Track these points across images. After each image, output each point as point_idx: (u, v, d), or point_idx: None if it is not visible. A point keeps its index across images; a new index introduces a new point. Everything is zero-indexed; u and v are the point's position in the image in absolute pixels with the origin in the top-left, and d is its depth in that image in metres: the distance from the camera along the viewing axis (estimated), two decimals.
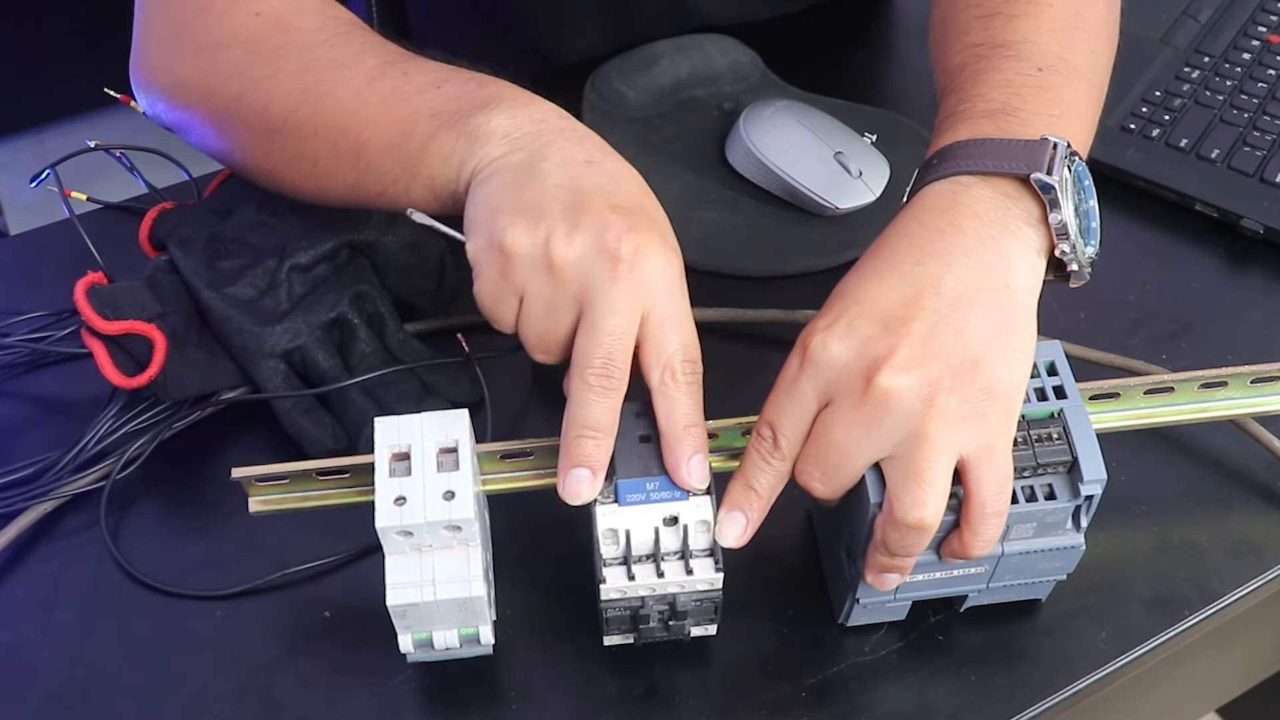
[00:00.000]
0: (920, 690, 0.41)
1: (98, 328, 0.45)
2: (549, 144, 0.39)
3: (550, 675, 0.42)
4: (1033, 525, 0.38)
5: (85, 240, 0.48)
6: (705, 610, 0.40)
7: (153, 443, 0.47)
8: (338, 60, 0.43)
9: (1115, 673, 0.42)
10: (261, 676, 0.42)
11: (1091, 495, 0.38)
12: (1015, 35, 0.43)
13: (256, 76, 0.43)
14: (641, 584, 0.37)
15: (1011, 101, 0.40)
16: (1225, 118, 0.60)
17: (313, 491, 0.41)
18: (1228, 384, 0.43)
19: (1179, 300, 0.54)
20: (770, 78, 0.64)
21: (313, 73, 0.42)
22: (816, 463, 0.37)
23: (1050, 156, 0.38)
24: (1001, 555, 0.39)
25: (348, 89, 0.42)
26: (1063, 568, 0.41)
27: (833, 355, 0.36)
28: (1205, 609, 0.43)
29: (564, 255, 0.36)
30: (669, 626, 0.40)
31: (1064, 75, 0.42)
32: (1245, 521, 0.46)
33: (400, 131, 0.40)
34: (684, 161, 0.60)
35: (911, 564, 0.38)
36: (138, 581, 0.44)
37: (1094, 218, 0.40)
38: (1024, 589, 0.42)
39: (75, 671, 0.42)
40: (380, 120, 0.41)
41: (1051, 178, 0.37)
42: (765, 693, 0.41)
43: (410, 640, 0.39)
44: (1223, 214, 0.56)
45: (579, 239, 0.37)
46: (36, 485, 0.46)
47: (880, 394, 0.35)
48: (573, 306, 0.37)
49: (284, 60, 0.43)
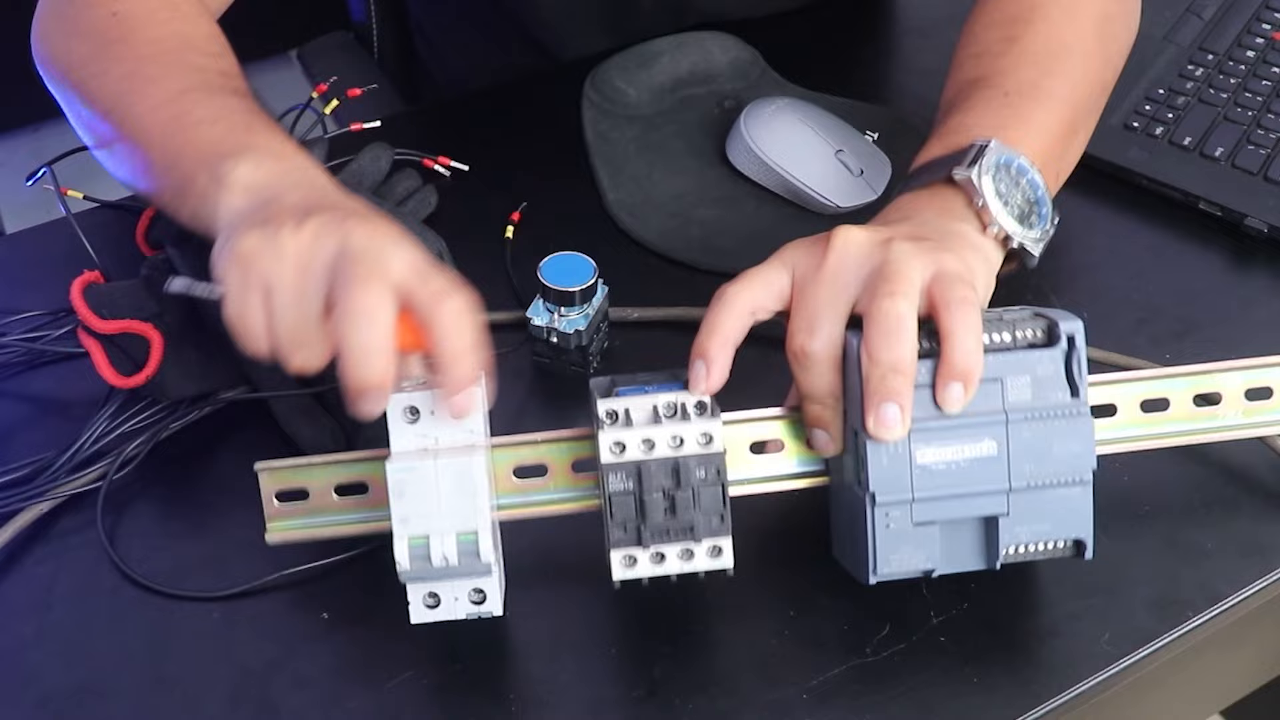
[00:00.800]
0: (922, 692, 0.41)
1: (94, 327, 0.45)
2: (287, 189, 0.41)
3: (551, 677, 0.42)
4: (1026, 378, 0.39)
5: (82, 239, 0.48)
6: (712, 494, 0.39)
7: (150, 443, 0.47)
8: (151, 76, 0.46)
9: (1119, 674, 0.42)
10: (258, 678, 0.42)
11: (1073, 336, 0.39)
12: (994, 69, 0.49)
13: (93, 72, 0.47)
14: (638, 432, 0.39)
15: (966, 121, 0.46)
16: (1229, 115, 0.59)
17: (330, 518, 0.42)
18: (1221, 399, 0.44)
19: (1183, 299, 0.54)
20: (771, 75, 0.64)
21: (130, 82, 0.46)
22: (799, 322, 0.40)
23: (972, 155, 0.43)
24: (1008, 434, 0.38)
25: (146, 105, 0.45)
26: (1081, 459, 0.39)
27: (844, 242, 0.40)
28: (1210, 610, 0.43)
29: (299, 240, 0.37)
30: (677, 531, 0.39)
31: (1032, 98, 0.47)
32: (1251, 522, 0.46)
33: (172, 160, 0.44)
34: (684, 160, 0.60)
35: (906, 392, 0.38)
36: (134, 582, 0.44)
37: (1041, 200, 0.44)
38: (1055, 514, 0.39)
39: (71, 673, 0.42)
40: (161, 144, 0.44)
41: (967, 171, 0.43)
42: (766, 695, 0.41)
43: (406, 549, 0.38)
44: (1226, 213, 0.56)
45: (310, 223, 0.38)
46: (32, 486, 0.46)
47: (839, 241, 0.40)
48: (320, 288, 0.37)
49: (115, 64, 0.47)
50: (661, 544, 0.39)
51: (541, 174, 0.58)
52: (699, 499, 0.39)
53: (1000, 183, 0.43)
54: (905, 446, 0.39)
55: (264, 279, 0.38)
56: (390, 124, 0.58)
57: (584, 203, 0.58)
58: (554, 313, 0.50)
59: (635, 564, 0.39)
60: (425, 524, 0.38)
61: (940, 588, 0.44)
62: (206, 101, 0.45)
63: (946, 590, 0.43)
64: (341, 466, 0.43)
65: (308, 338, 0.38)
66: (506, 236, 0.55)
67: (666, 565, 0.39)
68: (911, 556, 0.40)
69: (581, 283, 0.50)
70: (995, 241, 0.43)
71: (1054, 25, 0.50)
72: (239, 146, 0.42)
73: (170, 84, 0.45)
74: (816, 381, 0.40)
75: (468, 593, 0.40)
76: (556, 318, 0.50)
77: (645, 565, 0.39)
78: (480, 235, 0.56)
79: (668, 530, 0.39)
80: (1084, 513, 0.40)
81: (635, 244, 0.57)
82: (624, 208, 0.58)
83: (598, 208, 0.58)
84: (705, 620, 0.43)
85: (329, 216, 0.38)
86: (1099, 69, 0.51)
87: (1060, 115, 0.48)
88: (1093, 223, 0.58)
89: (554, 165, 0.59)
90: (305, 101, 0.56)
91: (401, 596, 0.43)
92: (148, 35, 0.47)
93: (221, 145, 0.42)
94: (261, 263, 0.38)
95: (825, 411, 0.40)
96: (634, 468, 0.39)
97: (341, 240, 0.37)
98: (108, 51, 0.47)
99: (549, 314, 0.50)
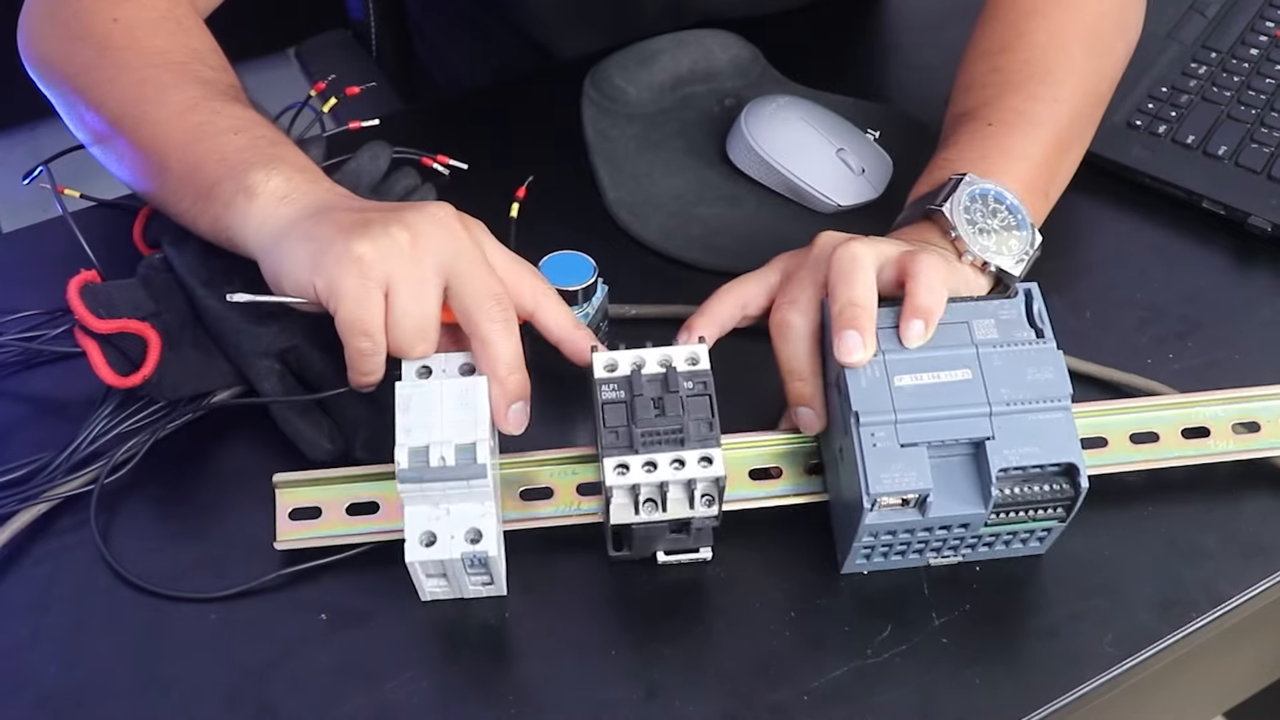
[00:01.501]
0: (924, 694, 0.41)
1: (91, 326, 0.45)
2: (324, 197, 0.43)
3: (550, 678, 0.41)
4: (990, 321, 0.42)
5: (78, 238, 0.48)
6: (700, 402, 0.41)
7: (146, 443, 0.47)
8: (166, 83, 0.46)
9: (1121, 676, 0.42)
10: (256, 680, 0.41)
11: (1029, 290, 0.43)
12: (980, 101, 0.51)
13: (98, 79, 0.47)
14: (629, 355, 0.42)
15: (950, 155, 0.49)
16: (1232, 114, 0.59)
17: (340, 532, 0.44)
18: (1211, 433, 0.46)
19: (1186, 299, 0.53)
20: (772, 73, 0.63)
21: (143, 89, 0.46)
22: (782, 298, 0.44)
23: (948, 189, 0.46)
24: (980, 362, 0.41)
25: (164, 112, 0.46)
26: (1056, 385, 0.41)
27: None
28: (1213, 611, 0.43)
29: (414, 238, 0.41)
30: (668, 438, 0.40)
31: (1015, 125, 0.49)
32: (1254, 523, 0.45)
33: (193, 166, 0.45)
34: (684, 158, 0.59)
35: (866, 323, 0.41)
36: (131, 584, 0.44)
37: (1022, 224, 0.46)
38: (1040, 437, 0.40)
39: (67, 675, 0.42)
40: (181, 150, 0.45)
41: (940, 205, 0.45)
42: (767, 696, 0.41)
43: (406, 454, 0.39)
44: (1230, 212, 0.56)
45: (409, 216, 0.41)
46: (29, 487, 0.45)
47: (822, 237, 0.45)
48: (439, 280, 0.41)
49: (124, 71, 0.47)
50: (653, 451, 0.40)
51: (541, 172, 0.57)
52: (687, 406, 0.41)
53: (975, 213, 0.45)
54: (883, 372, 0.41)
55: (385, 277, 0.40)
56: (389, 122, 0.57)
57: (584, 201, 0.58)
58: None
59: (628, 472, 0.40)
60: (427, 435, 0.40)
61: (942, 589, 0.43)
62: (226, 111, 0.45)
63: (948, 591, 0.43)
64: (356, 484, 0.44)
65: (429, 329, 0.41)
66: (511, 215, 0.55)
67: (658, 474, 0.40)
68: (903, 475, 0.40)
69: (581, 282, 0.49)
70: (974, 268, 0.45)
71: (1037, 50, 0.51)
72: (266, 158, 0.43)
73: (187, 91, 0.46)
74: (796, 351, 0.43)
75: (465, 531, 0.40)
76: None
77: (637, 473, 0.40)
78: None
79: (658, 436, 0.40)
80: (1069, 436, 0.41)
81: (635, 242, 0.56)
82: (624, 206, 0.58)
83: (598, 206, 0.58)
84: (705, 621, 0.43)
85: (416, 210, 0.41)
86: (1090, 85, 0.52)
87: (1044, 139, 0.49)
88: (1095, 222, 0.57)
89: (553, 164, 0.58)
90: (304, 100, 0.56)
91: (400, 597, 0.43)
92: (154, 45, 0.48)
93: (247, 155, 0.43)
94: (383, 263, 0.40)
95: (805, 387, 0.43)
96: (625, 380, 0.42)
97: (448, 235, 0.41)
98: (114, 58, 0.47)
99: None
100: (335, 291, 0.40)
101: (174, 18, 0.49)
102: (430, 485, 0.40)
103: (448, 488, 0.40)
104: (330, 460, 0.46)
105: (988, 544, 0.43)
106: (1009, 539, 0.43)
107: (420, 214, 0.41)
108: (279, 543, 0.44)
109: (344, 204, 0.43)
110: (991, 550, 0.43)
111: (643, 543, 0.43)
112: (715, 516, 0.42)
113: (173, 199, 0.46)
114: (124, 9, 0.48)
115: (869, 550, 0.42)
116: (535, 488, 0.44)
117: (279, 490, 0.44)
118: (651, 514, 0.41)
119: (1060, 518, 0.41)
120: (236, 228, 0.43)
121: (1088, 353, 0.50)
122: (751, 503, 0.45)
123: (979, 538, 0.42)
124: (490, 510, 0.40)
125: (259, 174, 0.43)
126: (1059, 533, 0.43)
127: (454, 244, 0.41)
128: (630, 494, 0.41)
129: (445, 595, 0.43)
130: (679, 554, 0.44)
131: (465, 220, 0.43)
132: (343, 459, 0.46)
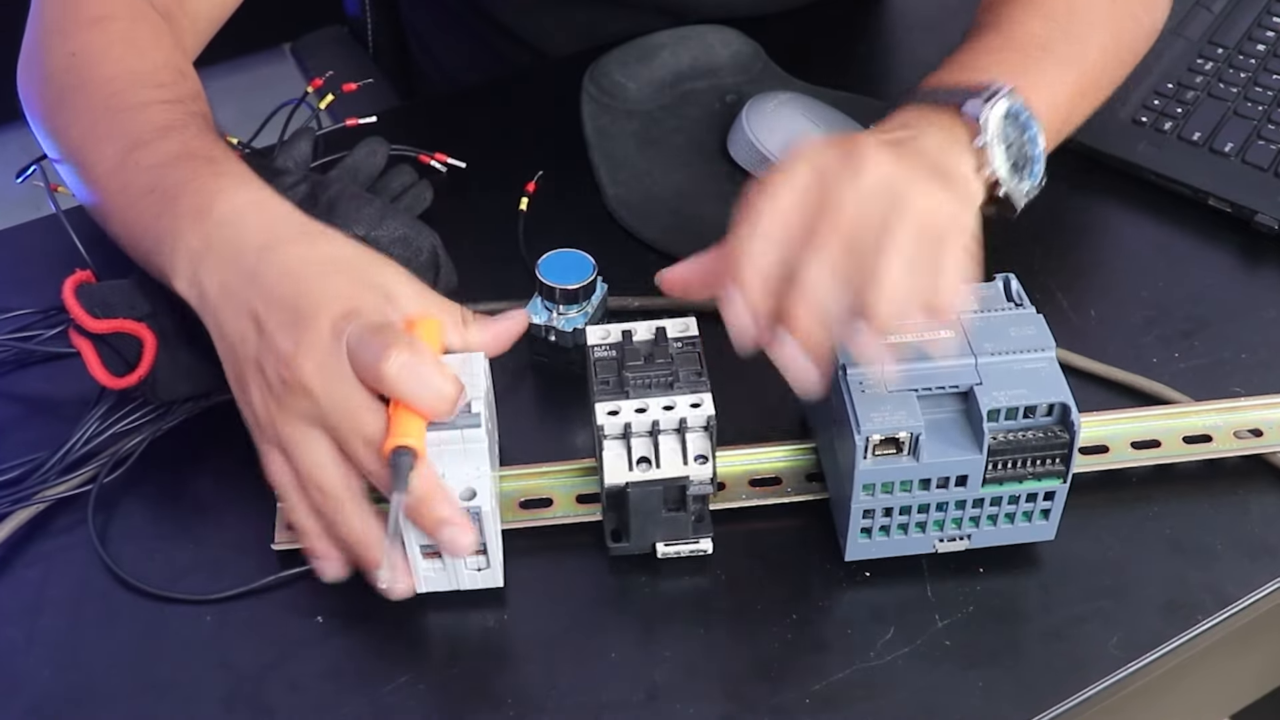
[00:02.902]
0: (927, 696, 0.40)
1: (86, 326, 0.44)
2: (216, 282, 0.41)
3: (549, 681, 0.41)
4: (971, 298, 0.42)
5: (73, 237, 0.48)
6: (689, 355, 0.41)
7: (142, 444, 0.46)
8: (102, 131, 0.46)
9: (1127, 679, 0.41)
10: (252, 683, 0.41)
11: (1008, 278, 0.43)
12: (1005, 17, 0.49)
13: (61, 122, 0.48)
14: (620, 325, 0.42)
15: (981, 61, 0.48)
16: (1239, 110, 0.59)
17: None
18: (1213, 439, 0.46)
19: (1192, 297, 0.53)
20: (773, 69, 0.63)
21: (88, 139, 0.46)
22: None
23: (987, 94, 0.44)
24: (962, 325, 0.41)
25: (101, 169, 0.45)
26: (1039, 339, 0.41)
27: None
28: (1219, 613, 0.42)
29: (281, 382, 0.39)
30: (658, 384, 0.40)
31: (1048, 56, 0.48)
32: (1261, 524, 0.45)
33: (128, 232, 0.44)
34: (685, 155, 0.59)
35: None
36: (126, 585, 0.44)
37: (1036, 158, 0.45)
38: (1028, 380, 0.40)
39: (62, 678, 0.42)
40: (118, 214, 0.45)
41: (981, 108, 0.43)
42: (769, 699, 0.40)
43: None
44: (1236, 209, 0.55)
45: (283, 353, 0.39)
46: (22, 488, 0.45)
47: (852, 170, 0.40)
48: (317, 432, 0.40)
49: (75, 116, 0.47)
50: (643, 396, 0.41)
51: (540, 170, 0.57)
52: (676, 359, 0.42)
53: (1007, 128, 0.43)
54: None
55: (276, 441, 0.40)
56: (386, 119, 0.57)
57: (583, 199, 0.58)
58: (552, 311, 0.50)
59: (618, 414, 0.41)
60: None
61: (945, 590, 0.43)
62: (145, 161, 0.44)
63: (951, 593, 0.43)
64: None
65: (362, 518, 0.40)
66: (521, 209, 0.55)
67: (649, 415, 0.40)
68: (893, 415, 0.40)
69: (581, 280, 0.49)
70: (984, 182, 0.43)
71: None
72: (170, 231, 0.42)
73: (116, 142, 0.45)
74: None
75: (460, 490, 0.40)
76: (555, 316, 0.50)
77: (628, 415, 0.40)
78: (476, 232, 0.56)
79: (648, 379, 0.41)
80: (1057, 378, 0.41)
81: (635, 241, 0.56)
82: (624, 204, 0.57)
83: (597, 204, 0.57)
84: (706, 623, 0.43)
85: (293, 352, 0.39)
86: (1113, 42, 0.51)
87: (1071, 79, 0.48)
88: (1100, 220, 0.57)
89: (552, 161, 0.58)
90: (300, 96, 0.56)
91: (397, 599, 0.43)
92: (102, 74, 0.47)
93: (162, 224, 0.42)
94: (270, 426, 0.40)
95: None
96: (618, 344, 0.43)
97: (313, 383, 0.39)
98: (66, 102, 0.47)
99: (547, 312, 0.50)
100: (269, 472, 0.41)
101: (128, 39, 0.49)
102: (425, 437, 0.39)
103: (442, 444, 0.39)
104: None
105: (991, 517, 0.42)
106: (1012, 510, 0.42)
107: (293, 350, 0.39)
108: (277, 544, 0.43)
109: (230, 310, 0.40)
110: (997, 529, 0.43)
111: (640, 527, 0.42)
112: (710, 480, 0.41)
113: (136, 261, 0.45)
114: (79, 39, 0.48)
115: (869, 522, 0.42)
116: (535, 498, 0.44)
117: (282, 508, 0.44)
118: (646, 473, 0.41)
119: (1059, 473, 0.41)
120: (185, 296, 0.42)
121: (1092, 352, 0.50)
122: (752, 501, 0.44)
123: (980, 507, 0.42)
124: (485, 471, 0.40)
125: (167, 257, 0.42)
126: (1063, 502, 0.42)
127: (319, 395, 0.38)
128: (623, 445, 0.41)
129: (440, 586, 0.42)
130: (678, 544, 0.43)
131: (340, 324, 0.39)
132: None
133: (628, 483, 0.41)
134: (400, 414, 0.38)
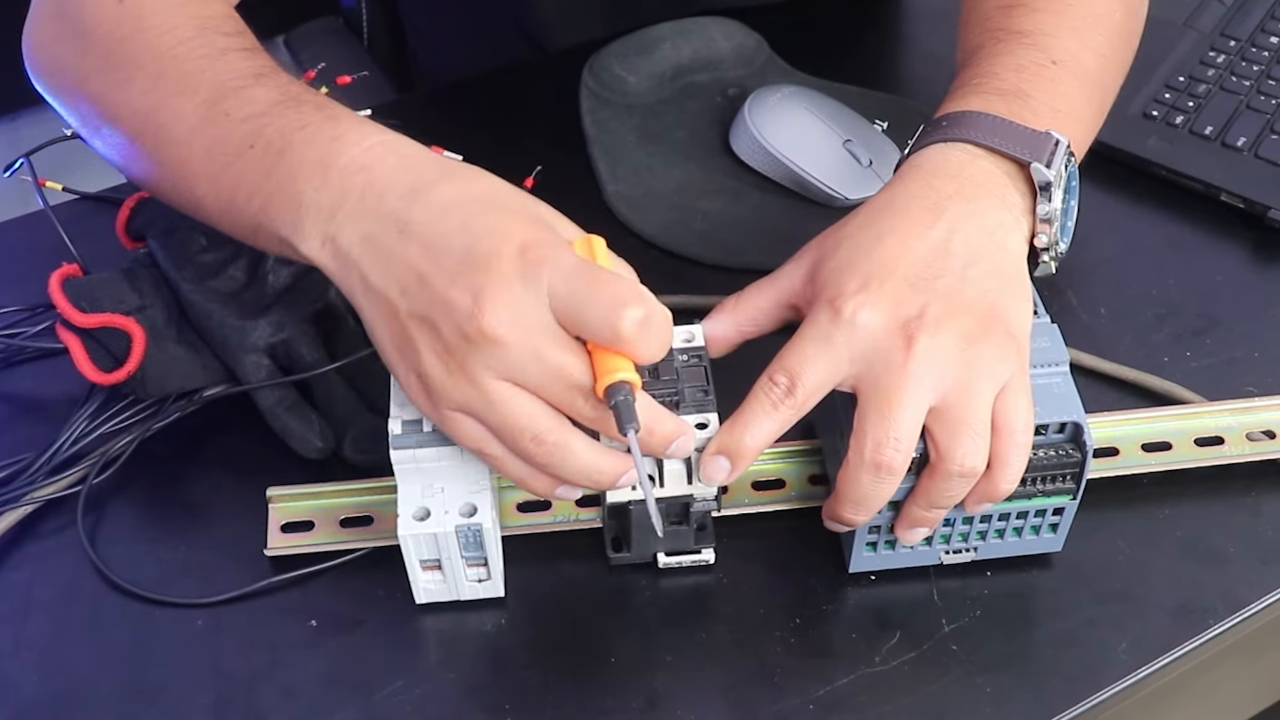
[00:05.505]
0: (934, 703, 0.40)
1: (74, 321, 0.44)
2: (359, 232, 0.37)
3: (548, 687, 0.41)
4: None
5: (60, 232, 0.47)
6: (695, 371, 0.40)
7: (132, 444, 0.46)
8: (176, 85, 0.40)
9: (1137, 684, 0.41)
10: (244, 688, 0.41)
11: None
12: (1033, 26, 0.45)
13: (112, 81, 0.42)
14: None
15: (1024, 87, 0.43)
16: (1252, 104, 0.58)
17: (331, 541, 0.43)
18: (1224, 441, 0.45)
19: (1204, 294, 0.52)
20: (776, 62, 0.62)
21: (156, 94, 0.41)
22: (888, 431, 0.37)
23: (1051, 151, 0.41)
24: None
25: (182, 127, 0.40)
26: (1053, 352, 0.40)
27: (868, 319, 0.38)
28: (1231, 618, 0.42)
29: (463, 343, 0.35)
30: (664, 397, 0.39)
31: (1074, 72, 0.44)
32: (1273, 526, 0.45)
33: (226, 203, 0.39)
34: (686, 150, 0.58)
35: (942, 516, 0.40)
36: (116, 588, 0.43)
37: (1072, 217, 0.43)
38: (1041, 398, 0.39)
39: (50, 682, 0.41)
40: (209, 182, 0.40)
41: (1050, 171, 0.40)
42: (772, 705, 0.40)
43: (400, 424, 0.39)
44: (1249, 204, 0.55)
45: (461, 322, 0.35)
46: (10, 489, 0.44)
47: (923, 350, 0.37)
48: (502, 385, 0.36)
49: (136, 70, 0.41)
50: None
51: (538, 165, 0.56)
52: (682, 375, 0.40)
53: (1067, 197, 0.41)
54: None
55: (461, 406, 0.36)
56: (381, 112, 0.56)
57: (583, 194, 0.57)
58: None
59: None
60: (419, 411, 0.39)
61: (952, 595, 0.43)
62: (238, 110, 0.39)
63: (958, 597, 0.43)
64: (350, 497, 0.44)
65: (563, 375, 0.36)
66: None
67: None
68: None
69: None
70: (1025, 239, 0.41)
71: None
72: (283, 190, 0.37)
73: (200, 92, 0.40)
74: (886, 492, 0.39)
75: (459, 506, 0.39)
76: None
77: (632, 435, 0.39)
78: None
79: (654, 399, 0.38)
80: (1070, 395, 0.40)
81: (636, 237, 0.55)
82: (624, 199, 0.56)
83: (597, 199, 0.57)
84: (708, 628, 0.42)
85: (479, 312, 0.34)
86: (1125, 50, 0.49)
87: (1097, 101, 0.46)
88: (1110, 215, 0.56)
89: (551, 156, 0.57)
90: None
91: (393, 603, 0.42)
92: (164, 23, 0.42)
93: (267, 185, 0.37)
94: (448, 398, 0.36)
95: (859, 518, 0.40)
96: None
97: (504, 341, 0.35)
98: (118, 56, 0.42)
99: None
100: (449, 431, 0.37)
101: None
102: (424, 455, 0.39)
103: (442, 460, 0.39)
104: (321, 457, 0.45)
105: (999, 531, 0.42)
106: (1020, 524, 0.41)
107: (475, 300, 0.34)
108: (270, 550, 0.43)
109: (381, 266, 0.36)
110: (1004, 542, 0.42)
111: (642, 539, 0.41)
112: (715, 498, 0.40)
113: (222, 226, 0.41)
114: None
115: (874, 537, 0.41)
116: (533, 500, 0.44)
117: (272, 504, 0.44)
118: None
119: (1070, 490, 0.40)
120: (305, 250, 0.37)
121: (1103, 350, 0.49)
122: (755, 508, 0.44)
123: (988, 522, 0.41)
124: (485, 486, 0.40)
125: (287, 220, 0.37)
126: (1072, 516, 0.41)
127: (515, 346, 0.35)
128: None
129: (441, 596, 0.42)
130: (680, 555, 0.42)
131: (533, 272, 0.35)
132: (334, 457, 0.45)
133: (630, 501, 0.40)
134: (600, 348, 0.35)
